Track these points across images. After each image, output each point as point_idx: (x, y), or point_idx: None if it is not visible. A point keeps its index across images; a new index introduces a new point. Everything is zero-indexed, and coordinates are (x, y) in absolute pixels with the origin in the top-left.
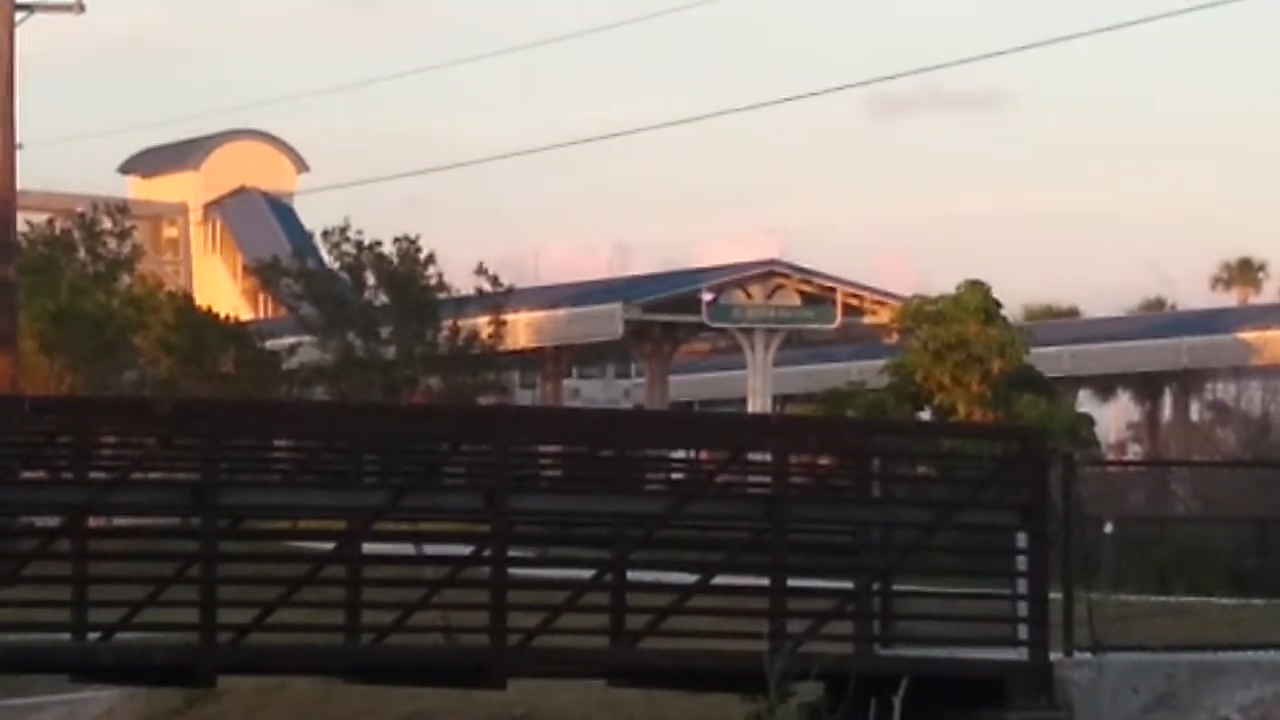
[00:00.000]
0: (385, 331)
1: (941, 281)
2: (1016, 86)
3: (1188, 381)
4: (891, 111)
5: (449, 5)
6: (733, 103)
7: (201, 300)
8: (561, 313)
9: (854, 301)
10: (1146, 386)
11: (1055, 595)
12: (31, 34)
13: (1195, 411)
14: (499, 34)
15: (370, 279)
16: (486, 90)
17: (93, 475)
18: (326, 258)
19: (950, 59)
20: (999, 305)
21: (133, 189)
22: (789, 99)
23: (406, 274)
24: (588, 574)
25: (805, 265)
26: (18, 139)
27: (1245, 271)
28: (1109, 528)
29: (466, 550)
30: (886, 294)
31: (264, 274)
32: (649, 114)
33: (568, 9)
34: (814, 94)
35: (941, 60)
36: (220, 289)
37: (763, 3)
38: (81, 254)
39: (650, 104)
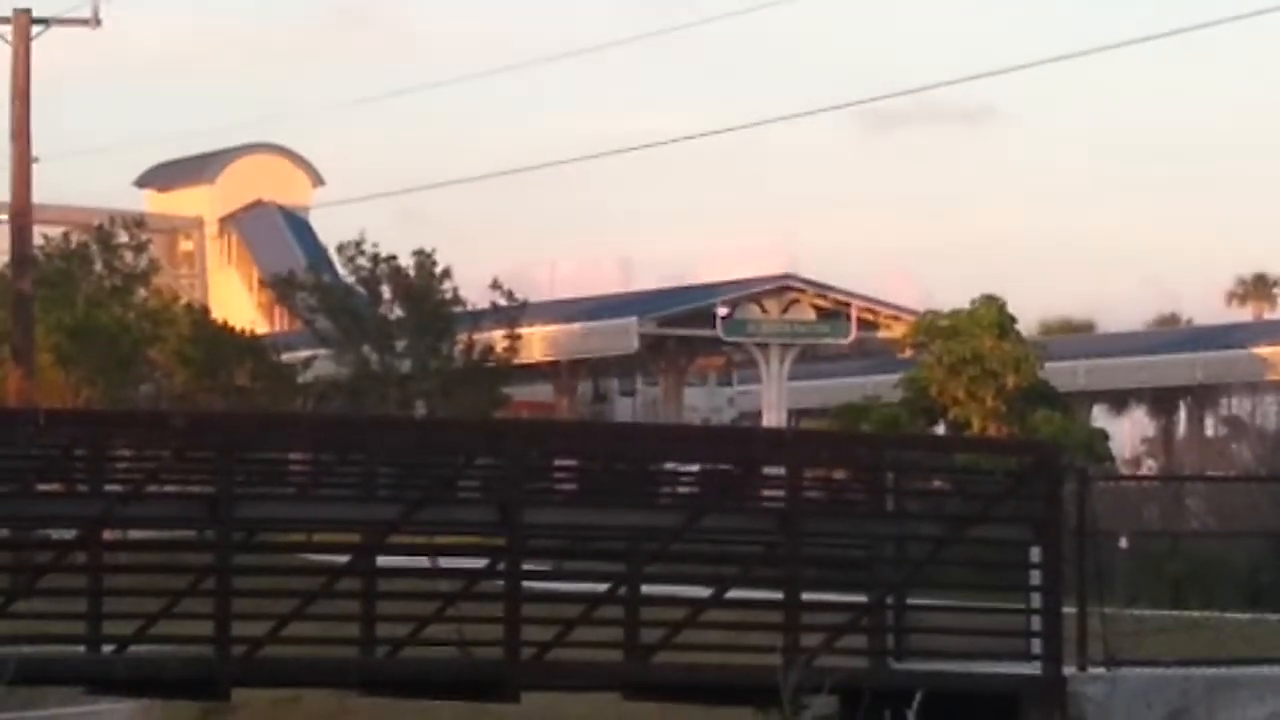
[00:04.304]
0: (400, 345)
1: (947, 296)
2: (1021, 102)
3: (1202, 396)
4: (892, 127)
5: (459, 21)
6: (736, 120)
7: (217, 314)
8: (576, 327)
9: (868, 316)
10: (1161, 401)
11: (1069, 610)
12: (48, 48)
13: (1210, 426)
14: (506, 50)
15: (386, 293)
16: (496, 104)
17: (108, 488)
18: (342, 271)
19: (953, 75)
20: (1013, 320)
21: (149, 203)
22: (790, 116)
23: (422, 288)
24: (602, 587)
25: (820, 280)
26: (34, 152)
27: (1260, 287)
28: (1123, 542)
29: (481, 563)
30: (901, 309)
31: (280, 287)
32: (653, 130)
33: (569, 26)
34: (815, 111)
35: (944, 77)
36: (236, 302)
37: (767, 21)
38: (98, 267)
39: (654, 120)
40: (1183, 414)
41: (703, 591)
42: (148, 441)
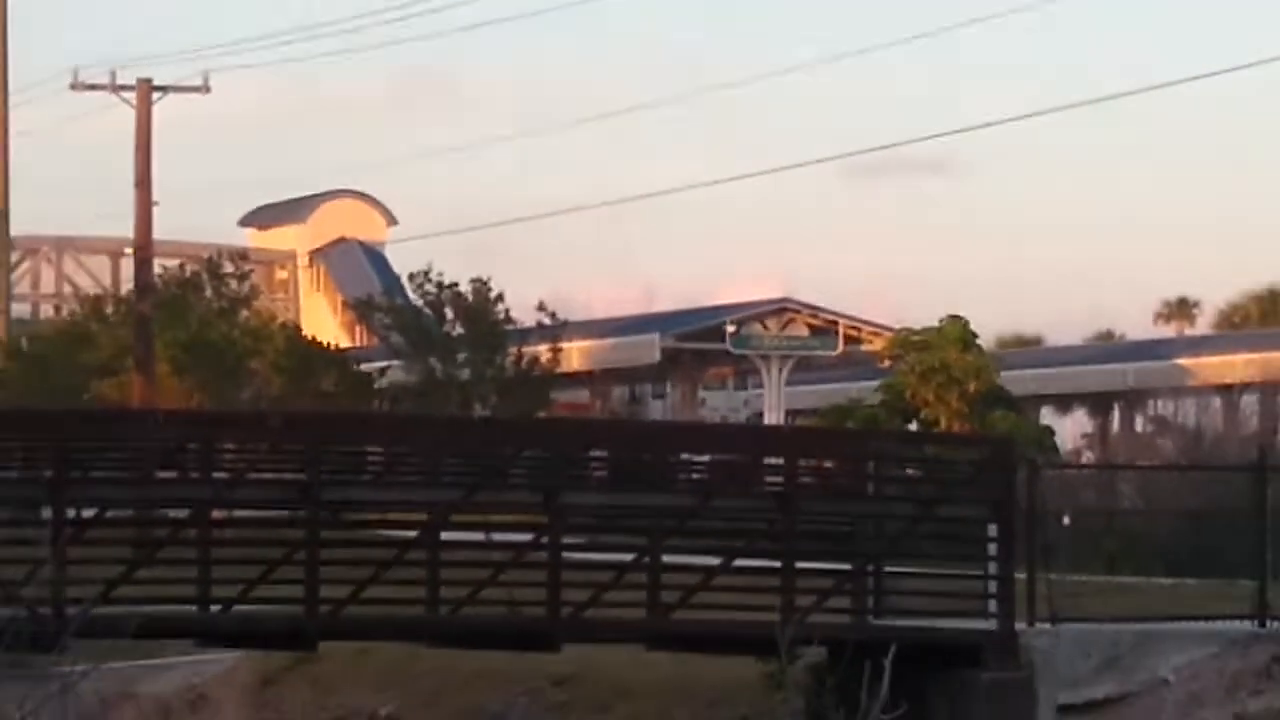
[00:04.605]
0: (461, 357)
1: (920, 314)
2: (979, 154)
3: (1133, 400)
4: (871, 175)
5: (511, 87)
6: (742, 169)
7: (308, 331)
8: (608, 342)
9: (853, 332)
10: (1098, 404)
11: (1020, 575)
12: (165, 110)
13: (1139, 424)
14: (550, 110)
15: (449, 314)
16: (542, 156)
17: (216, 476)
18: (412, 296)
19: (922, 133)
20: (975, 335)
21: (250, 239)
22: (787, 166)
23: (479, 309)
24: (629, 557)
25: (812, 302)
26: (155, 197)
27: (1182, 308)
28: (1066, 520)
29: (528, 537)
30: (881, 326)
31: (360, 310)
32: (674, 178)
33: (604, 91)
34: (808, 163)
35: (913, 134)
36: (323, 322)
37: (767, 88)
38: (208, 293)
39: (675, 169)
40: (1116, 414)
41: (714, 560)
42: (249, 437)
